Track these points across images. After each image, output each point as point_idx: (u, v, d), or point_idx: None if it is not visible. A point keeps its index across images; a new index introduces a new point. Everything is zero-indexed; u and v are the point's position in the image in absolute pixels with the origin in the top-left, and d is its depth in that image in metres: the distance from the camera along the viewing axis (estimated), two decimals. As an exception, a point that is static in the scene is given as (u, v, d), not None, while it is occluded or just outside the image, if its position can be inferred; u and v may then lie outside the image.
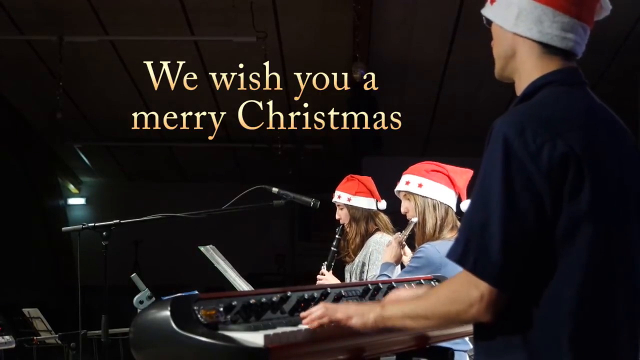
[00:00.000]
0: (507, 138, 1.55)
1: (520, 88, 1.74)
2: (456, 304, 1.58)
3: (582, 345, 1.57)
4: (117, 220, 2.94)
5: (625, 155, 1.69)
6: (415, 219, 3.38)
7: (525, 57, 1.72)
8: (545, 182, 1.53)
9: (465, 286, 1.56)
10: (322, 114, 10.32)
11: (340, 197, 4.04)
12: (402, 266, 3.72)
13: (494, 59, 1.80)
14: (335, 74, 9.08)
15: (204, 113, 10.40)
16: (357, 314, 1.77)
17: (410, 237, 3.55)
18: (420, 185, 3.37)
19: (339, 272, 4.04)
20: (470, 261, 1.55)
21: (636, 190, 1.68)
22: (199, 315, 1.72)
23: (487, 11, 1.79)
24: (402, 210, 3.48)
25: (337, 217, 4.08)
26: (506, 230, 1.52)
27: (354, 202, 4.00)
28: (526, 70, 1.72)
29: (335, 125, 10.01)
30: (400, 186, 3.45)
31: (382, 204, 4.02)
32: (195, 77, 9.37)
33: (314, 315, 1.81)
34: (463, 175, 3.42)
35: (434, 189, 3.36)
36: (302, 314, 1.83)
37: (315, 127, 10.77)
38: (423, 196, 3.36)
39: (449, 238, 3.28)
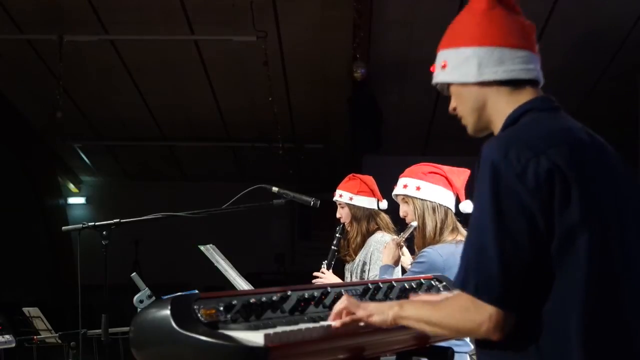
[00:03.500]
0: (493, 162, 1.60)
1: (498, 130, 1.77)
2: (467, 322, 1.62)
3: (592, 353, 1.57)
4: (117, 220, 2.94)
5: (616, 169, 1.72)
6: (414, 223, 3.33)
7: (496, 100, 1.76)
8: (534, 200, 1.56)
9: (473, 306, 1.60)
10: (322, 113, 10.34)
11: (342, 196, 4.03)
12: (402, 269, 3.72)
13: (463, 118, 1.84)
14: (335, 74, 9.09)
15: (204, 113, 10.42)
16: (377, 311, 1.82)
17: (409, 241, 3.53)
18: (418, 188, 3.32)
19: (339, 271, 4.04)
20: (472, 286, 1.59)
21: (635, 199, 1.71)
22: (199, 315, 1.72)
23: (442, 77, 1.84)
24: (401, 214, 3.44)
25: (338, 215, 4.07)
26: (502, 252, 1.56)
27: (356, 201, 3.99)
28: (500, 112, 1.76)
29: (335, 125, 10.00)
30: (398, 190, 3.40)
31: (384, 204, 4.01)
32: (195, 76, 9.39)
33: (336, 310, 1.85)
34: (461, 175, 3.39)
35: (432, 191, 3.31)
36: (330, 318, 1.87)
37: (315, 126, 10.80)
38: (422, 199, 3.31)
39: (449, 240, 3.25)
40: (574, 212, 1.57)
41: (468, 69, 1.76)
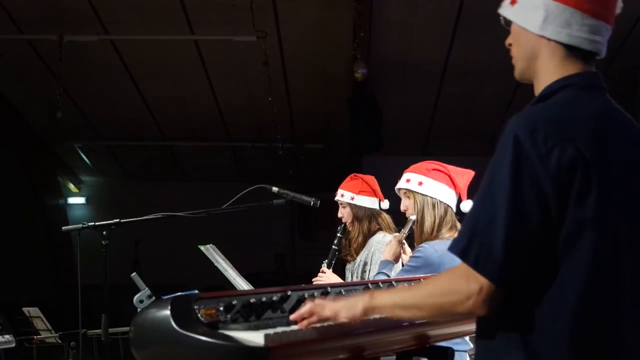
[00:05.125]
0: (517, 137, 1.56)
1: (538, 89, 1.73)
2: (452, 296, 1.59)
3: (583, 349, 1.56)
4: (117, 220, 2.94)
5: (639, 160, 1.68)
6: (413, 217, 3.37)
7: (548, 59, 1.71)
8: (552, 185, 1.53)
9: (464, 278, 1.57)
10: (322, 113, 10.34)
11: (343, 195, 4.03)
12: (403, 265, 3.72)
13: (513, 58, 1.78)
14: (335, 74, 9.09)
15: (204, 112, 10.43)
16: (345, 307, 1.78)
17: (409, 236, 3.54)
18: (420, 184, 3.36)
19: (339, 271, 4.04)
20: (472, 256, 1.56)
21: None
22: (199, 315, 1.72)
23: (507, 12, 1.76)
24: (402, 207, 3.48)
25: (339, 215, 4.06)
26: (510, 229, 1.53)
27: (357, 201, 3.99)
28: (548, 72, 1.71)
29: (335, 125, 9.99)
30: (401, 184, 3.44)
31: (385, 204, 4.02)
32: (195, 76, 9.39)
33: (302, 313, 1.81)
34: (464, 175, 3.42)
35: (434, 187, 3.35)
36: (292, 316, 1.83)
37: (315, 126, 10.80)
38: (423, 194, 3.35)
39: (447, 237, 3.27)
40: (589, 207, 1.55)
41: (533, 17, 1.70)
